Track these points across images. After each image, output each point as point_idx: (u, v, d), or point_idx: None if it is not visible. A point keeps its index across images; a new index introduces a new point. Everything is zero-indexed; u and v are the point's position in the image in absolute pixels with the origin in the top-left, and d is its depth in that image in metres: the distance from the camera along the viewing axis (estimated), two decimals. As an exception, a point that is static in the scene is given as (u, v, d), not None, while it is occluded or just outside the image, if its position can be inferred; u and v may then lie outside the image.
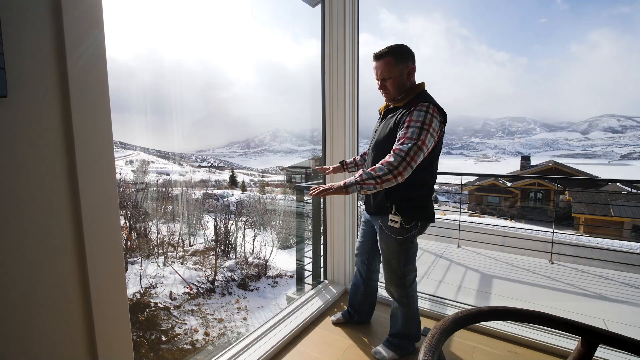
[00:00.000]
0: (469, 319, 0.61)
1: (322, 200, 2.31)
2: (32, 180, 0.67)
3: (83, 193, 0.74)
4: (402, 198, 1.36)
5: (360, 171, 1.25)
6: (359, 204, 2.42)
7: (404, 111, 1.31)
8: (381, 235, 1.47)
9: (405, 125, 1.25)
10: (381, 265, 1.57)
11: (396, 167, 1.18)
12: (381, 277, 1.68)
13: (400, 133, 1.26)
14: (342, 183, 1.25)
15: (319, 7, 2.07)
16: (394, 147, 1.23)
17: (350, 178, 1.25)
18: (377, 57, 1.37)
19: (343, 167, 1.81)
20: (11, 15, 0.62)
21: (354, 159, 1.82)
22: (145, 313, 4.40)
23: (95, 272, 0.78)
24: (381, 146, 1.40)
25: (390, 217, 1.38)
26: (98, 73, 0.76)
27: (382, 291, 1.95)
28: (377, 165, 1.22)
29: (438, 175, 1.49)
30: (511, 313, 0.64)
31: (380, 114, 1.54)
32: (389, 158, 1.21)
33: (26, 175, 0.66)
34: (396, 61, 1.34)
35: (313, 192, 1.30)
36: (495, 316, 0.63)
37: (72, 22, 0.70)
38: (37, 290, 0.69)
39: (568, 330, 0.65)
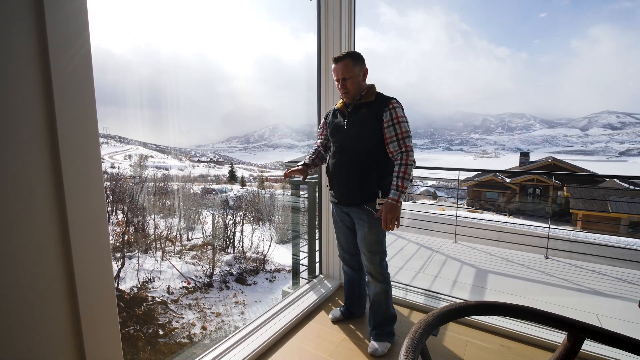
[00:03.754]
0: (454, 313, 0.61)
1: (317, 195, 2.30)
2: (16, 174, 0.66)
3: (67, 188, 0.73)
4: (387, 182, 1.50)
5: (397, 182, 1.42)
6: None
7: (380, 106, 1.49)
8: (371, 222, 1.54)
9: (396, 122, 1.47)
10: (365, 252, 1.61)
11: (414, 159, 1.47)
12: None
13: (395, 128, 1.47)
14: (394, 203, 1.41)
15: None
16: (404, 144, 1.46)
17: (393, 193, 1.42)
18: (337, 60, 1.53)
19: (307, 167, 1.72)
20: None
21: (312, 160, 1.76)
22: (142, 307, 4.41)
23: (81, 266, 0.78)
24: (366, 135, 1.52)
25: (379, 200, 1.51)
26: (84, 70, 0.75)
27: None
28: (404, 168, 1.43)
29: (437, 171, 1.60)
30: (497, 308, 0.63)
31: (341, 112, 1.62)
32: (407, 156, 1.44)
33: (9, 169, 0.65)
34: (354, 63, 1.50)
35: (390, 228, 1.44)
36: (480, 311, 0.62)
37: (55, 22, 0.69)
38: (22, 285, 0.69)
39: (554, 325, 0.64)
